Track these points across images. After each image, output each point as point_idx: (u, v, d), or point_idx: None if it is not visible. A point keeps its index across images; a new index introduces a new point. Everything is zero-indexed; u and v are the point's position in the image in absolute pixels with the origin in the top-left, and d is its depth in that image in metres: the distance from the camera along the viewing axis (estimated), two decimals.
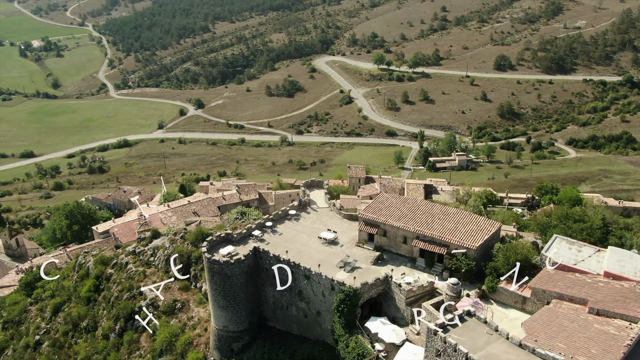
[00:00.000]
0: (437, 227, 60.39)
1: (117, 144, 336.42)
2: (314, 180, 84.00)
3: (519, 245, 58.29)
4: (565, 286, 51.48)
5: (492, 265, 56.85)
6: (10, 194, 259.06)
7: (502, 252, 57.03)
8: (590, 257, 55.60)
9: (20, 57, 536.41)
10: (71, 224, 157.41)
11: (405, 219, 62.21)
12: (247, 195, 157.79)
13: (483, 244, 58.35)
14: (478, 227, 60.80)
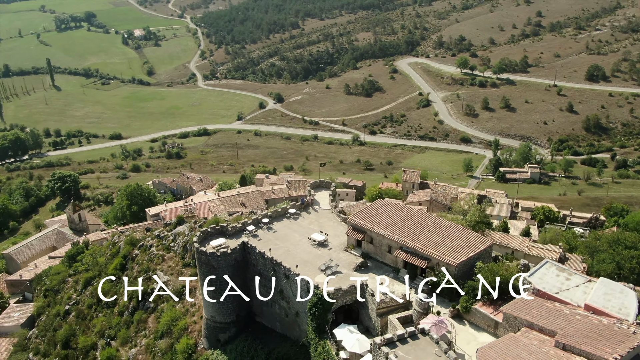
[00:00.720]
0: (422, 239, 58.54)
1: (197, 132, 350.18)
2: (322, 180, 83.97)
3: (501, 267, 55.26)
4: (539, 315, 48.28)
5: (470, 285, 54.31)
6: (93, 172, 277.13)
7: (482, 272, 54.35)
8: (577, 286, 51.73)
9: (122, 45, 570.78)
10: (131, 205, 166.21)
11: (392, 228, 60.78)
12: (296, 190, 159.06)
13: (466, 261, 55.83)
14: (467, 242, 58.29)
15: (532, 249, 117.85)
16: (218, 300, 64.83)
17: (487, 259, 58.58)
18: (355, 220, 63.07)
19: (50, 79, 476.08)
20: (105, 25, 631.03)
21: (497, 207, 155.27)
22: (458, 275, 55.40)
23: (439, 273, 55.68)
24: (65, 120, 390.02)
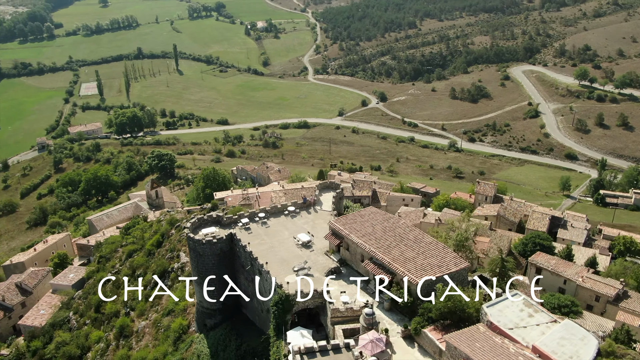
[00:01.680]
0: (393, 253, 56.57)
1: (297, 124, 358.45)
2: (332, 182, 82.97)
3: (464, 292, 51.82)
4: (480, 350, 45.16)
5: (426, 306, 51.70)
6: (192, 153, 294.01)
7: (438, 295, 51.48)
8: (537, 325, 47.47)
9: (244, 35, 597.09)
10: (205, 187, 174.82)
11: (368, 237, 59.29)
12: (361, 191, 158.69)
13: (430, 282, 53.12)
14: (439, 262, 55.48)
15: (586, 281, 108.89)
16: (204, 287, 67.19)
17: (462, 282, 55.29)
18: (335, 225, 62.22)
19: (175, 64, 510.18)
20: (232, 16, 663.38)
21: (571, 232, 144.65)
22: (420, 294, 52.93)
23: (401, 289, 53.62)
24: (180, 103, 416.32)
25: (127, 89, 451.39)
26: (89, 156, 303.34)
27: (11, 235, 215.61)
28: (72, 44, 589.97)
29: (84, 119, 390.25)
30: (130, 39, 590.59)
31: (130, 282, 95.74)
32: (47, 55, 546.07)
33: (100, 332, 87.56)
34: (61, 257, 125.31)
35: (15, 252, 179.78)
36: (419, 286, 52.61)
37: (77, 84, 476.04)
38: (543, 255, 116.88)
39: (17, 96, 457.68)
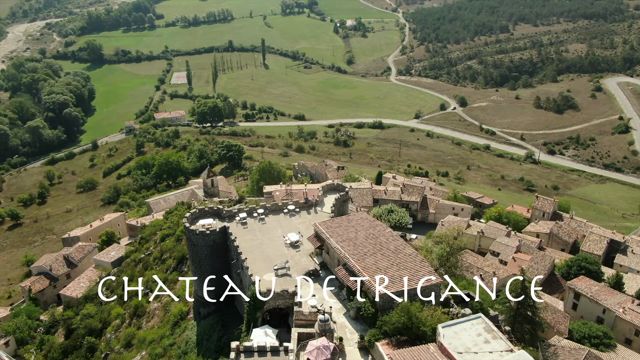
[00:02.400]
0: (367, 261, 55.50)
1: (372, 124, 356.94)
2: (339, 184, 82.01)
3: (414, 308, 49.83)
4: None
5: (383, 319, 50.37)
6: (263, 146, 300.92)
7: (397, 310, 49.91)
8: (491, 353, 45.09)
9: (332, 33, 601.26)
10: (259, 180, 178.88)
11: (346, 242, 58.52)
12: (410, 196, 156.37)
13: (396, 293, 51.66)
14: (411, 275, 53.78)
15: (628, 313, 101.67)
16: (198, 276, 69.19)
17: (436, 298, 53.26)
18: (319, 227, 61.81)
19: (262, 58, 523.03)
20: (323, 13, 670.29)
21: (630, 258, 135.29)
22: (382, 306, 51.64)
23: (365, 300, 52.64)
24: (262, 96, 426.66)
25: (214, 80, 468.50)
26: (168, 142, 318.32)
27: (86, 211, 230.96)
28: (169, 34, 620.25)
29: (170, 106, 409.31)
30: (224, 32, 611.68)
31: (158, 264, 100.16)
32: (146, 44, 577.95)
33: (120, 309, 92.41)
34: (109, 235, 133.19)
35: None
36: (381, 297, 51.37)
37: (170, 72, 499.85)
38: (586, 280, 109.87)
39: (115, 81, 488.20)
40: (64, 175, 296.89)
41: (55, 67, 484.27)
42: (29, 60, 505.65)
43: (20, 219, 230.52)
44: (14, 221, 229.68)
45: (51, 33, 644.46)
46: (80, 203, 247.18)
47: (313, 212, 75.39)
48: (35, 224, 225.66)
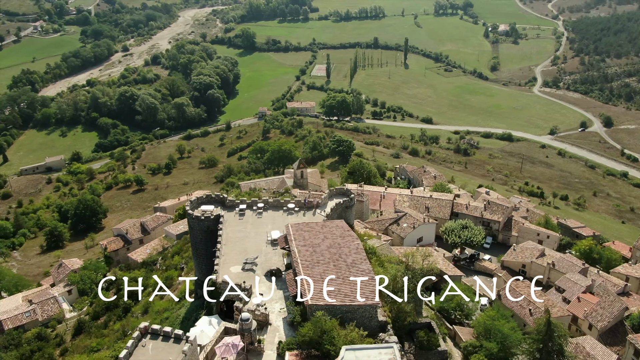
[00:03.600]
0: (315, 270, 54.66)
1: (500, 135, 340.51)
2: (347, 190, 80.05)
3: (328, 323, 48.09)
4: None
5: (299, 331, 49.79)
6: (377, 145, 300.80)
7: (309, 323, 48.94)
8: None
9: (481, 37, 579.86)
10: (347, 178, 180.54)
11: (306, 248, 58.06)
12: (492, 214, 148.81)
13: (324, 306, 50.72)
14: (350, 291, 52.34)
15: None
16: (195, 260, 72.85)
17: (368, 319, 51.08)
18: (288, 229, 61.72)
19: (403, 57, 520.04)
20: (477, 16, 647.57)
21: None
22: (310, 316, 50.86)
23: (295, 308, 52.41)
24: (395, 95, 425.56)
25: (352, 75, 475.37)
26: (291, 130, 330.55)
27: (200, 186, 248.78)
28: (320, 27, 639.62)
29: (306, 97, 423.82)
30: (372, 28, 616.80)
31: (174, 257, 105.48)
32: (295, 36, 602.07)
33: (159, 278, 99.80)
34: (184, 210, 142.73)
35: None
36: (308, 307, 50.61)
37: (312, 64, 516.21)
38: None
39: (261, 68, 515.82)
40: (194, 150, 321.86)
41: (210, 51, 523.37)
42: (190, 43, 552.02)
43: (144, 185, 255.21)
44: (139, 186, 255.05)
45: (215, 19, 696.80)
46: (198, 178, 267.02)
47: (311, 214, 75.36)
48: (155, 191, 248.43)
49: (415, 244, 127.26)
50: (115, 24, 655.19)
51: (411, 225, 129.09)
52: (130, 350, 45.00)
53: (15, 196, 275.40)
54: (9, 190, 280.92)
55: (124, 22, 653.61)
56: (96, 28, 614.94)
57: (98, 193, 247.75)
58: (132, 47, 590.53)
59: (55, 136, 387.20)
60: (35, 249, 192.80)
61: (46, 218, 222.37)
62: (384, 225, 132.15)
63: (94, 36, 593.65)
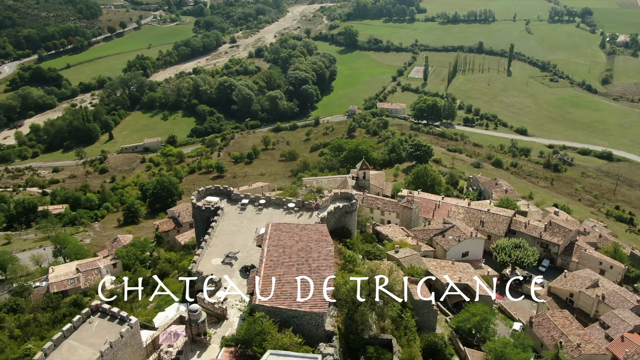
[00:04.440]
0: (276, 271, 54.73)
1: (599, 153, 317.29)
2: (351, 195, 78.32)
3: (262, 325, 48.06)
4: None
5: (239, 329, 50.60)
6: (461, 152, 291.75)
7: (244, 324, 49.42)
8: None
9: (596, 47, 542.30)
10: (410, 183, 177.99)
11: (276, 249, 58.40)
12: (552, 236, 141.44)
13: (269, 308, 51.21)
14: (301, 296, 52.05)
15: None
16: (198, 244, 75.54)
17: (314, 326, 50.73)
18: (268, 227, 62.08)
19: (507, 64, 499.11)
20: (595, 25, 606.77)
21: None
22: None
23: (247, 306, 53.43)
24: (491, 103, 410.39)
25: (450, 79, 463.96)
26: (376, 131, 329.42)
27: (274, 177, 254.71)
28: (425, 29, 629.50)
29: (399, 98, 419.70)
30: (479, 32, 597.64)
31: None
32: (398, 36, 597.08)
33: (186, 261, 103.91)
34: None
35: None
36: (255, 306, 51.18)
37: (411, 66, 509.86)
38: None
39: (359, 67, 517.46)
40: (279, 143, 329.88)
41: (310, 47, 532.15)
42: (293, 38, 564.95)
43: (223, 172, 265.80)
44: (218, 173, 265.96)
45: (322, 16, 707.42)
46: (275, 170, 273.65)
47: (308, 215, 75.22)
48: (233, 179, 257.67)
49: (459, 257, 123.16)
50: (227, 16, 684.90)
51: (456, 238, 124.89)
52: (76, 325, 48.15)
53: (111, 172, 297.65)
54: (107, 166, 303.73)
55: (235, 15, 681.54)
56: (208, 19, 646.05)
57: (180, 176, 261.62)
58: (240, 39, 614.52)
59: (157, 119, 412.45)
60: (114, 223, 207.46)
61: (129, 194, 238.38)
62: (428, 235, 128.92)
63: (206, 27, 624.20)
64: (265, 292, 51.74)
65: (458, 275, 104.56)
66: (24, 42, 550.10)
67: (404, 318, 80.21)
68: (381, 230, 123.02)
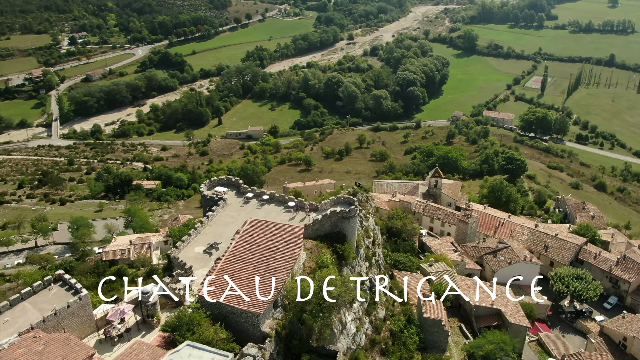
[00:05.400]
0: (233, 266, 55.83)
1: None
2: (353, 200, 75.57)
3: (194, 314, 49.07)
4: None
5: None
6: (561, 171, 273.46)
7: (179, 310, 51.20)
8: None
9: None
10: (485, 197, 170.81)
11: (243, 243, 59.42)
12: (623, 272, 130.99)
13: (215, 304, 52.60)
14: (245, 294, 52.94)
15: None
16: None
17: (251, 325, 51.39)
18: (246, 223, 62.79)
19: (638, 80, 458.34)
20: None
21: None
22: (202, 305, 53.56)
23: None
24: (611, 121, 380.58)
25: (569, 92, 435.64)
26: (475, 139, 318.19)
27: (359, 176, 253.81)
28: (552, 37, 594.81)
29: (509, 108, 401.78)
30: (613, 44, 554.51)
31: None
32: (521, 43, 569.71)
33: None
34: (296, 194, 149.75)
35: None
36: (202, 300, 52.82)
37: (529, 75, 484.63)
38: None
39: (474, 72, 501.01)
40: (375, 142, 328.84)
41: (425, 48, 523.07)
42: (409, 38, 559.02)
43: (311, 166, 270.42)
44: (306, 166, 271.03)
45: (444, 17, 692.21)
46: (362, 169, 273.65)
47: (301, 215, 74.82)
48: (319, 173, 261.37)
49: (507, 280, 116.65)
50: (348, 13, 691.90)
51: (508, 260, 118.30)
52: (35, 289, 52.59)
53: (211, 155, 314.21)
54: (208, 149, 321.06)
55: (357, 13, 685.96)
56: (329, 15, 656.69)
57: (270, 165, 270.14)
58: (357, 36, 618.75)
59: (265, 109, 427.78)
60: (196, 203, 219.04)
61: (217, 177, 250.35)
62: (479, 253, 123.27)
63: (326, 23, 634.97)
64: (214, 285, 53.14)
65: (491, 298, 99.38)
66: (158, 27, 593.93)
67: (404, 333, 78.49)
68: (427, 241, 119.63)
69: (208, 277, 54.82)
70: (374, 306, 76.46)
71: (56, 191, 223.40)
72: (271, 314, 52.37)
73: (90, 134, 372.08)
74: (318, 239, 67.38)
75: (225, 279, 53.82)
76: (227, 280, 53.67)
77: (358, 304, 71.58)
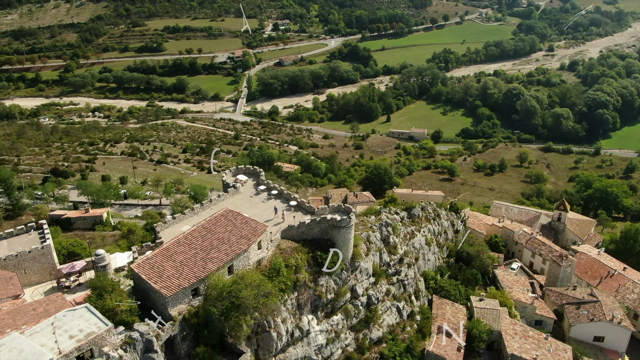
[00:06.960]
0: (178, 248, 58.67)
1: None
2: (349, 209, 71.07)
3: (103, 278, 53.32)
4: None
5: None
6: None
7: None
8: None
9: None
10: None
11: (198, 232, 61.42)
12: None
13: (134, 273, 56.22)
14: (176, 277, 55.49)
15: None
16: None
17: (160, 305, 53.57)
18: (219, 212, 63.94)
19: None
20: None
21: None
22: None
23: None
24: None
25: None
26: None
27: (501, 195, 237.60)
28: None
29: None
30: None
31: None
32: None
33: None
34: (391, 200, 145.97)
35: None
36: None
37: None
38: None
39: None
40: (538, 163, 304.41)
41: (633, 69, 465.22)
42: (617, 56, 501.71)
43: (454, 176, 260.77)
44: (449, 176, 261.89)
45: None
46: (509, 188, 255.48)
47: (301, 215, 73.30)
48: (461, 185, 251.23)
49: (587, 339, 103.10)
50: (555, 23, 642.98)
51: (590, 316, 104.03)
52: (17, 233, 61.25)
53: (364, 150, 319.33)
54: (362, 144, 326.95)
55: (565, 24, 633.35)
56: (531, 23, 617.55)
57: (412, 169, 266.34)
58: (559, 48, 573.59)
59: (436, 112, 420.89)
60: (323, 192, 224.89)
61: (354, 173, 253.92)
62: (561, 301, 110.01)
63: (526, 31, 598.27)
64: (149, 261, 56.76)
65: (537, 352, 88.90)
66: (354, 21, 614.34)
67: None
68: (499, 274, 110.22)
69: (148, 252, 58.99)
70: (368, 325, 74.26)
71: (209, 160, 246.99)
72: (187, 300, 54.64)
73: (267, 114, 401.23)
74: (302, 242, 67.54)
75: (160, 258, 57.44)
76: (160, 259, 57.20)
77: (340, 316, 70.40)
